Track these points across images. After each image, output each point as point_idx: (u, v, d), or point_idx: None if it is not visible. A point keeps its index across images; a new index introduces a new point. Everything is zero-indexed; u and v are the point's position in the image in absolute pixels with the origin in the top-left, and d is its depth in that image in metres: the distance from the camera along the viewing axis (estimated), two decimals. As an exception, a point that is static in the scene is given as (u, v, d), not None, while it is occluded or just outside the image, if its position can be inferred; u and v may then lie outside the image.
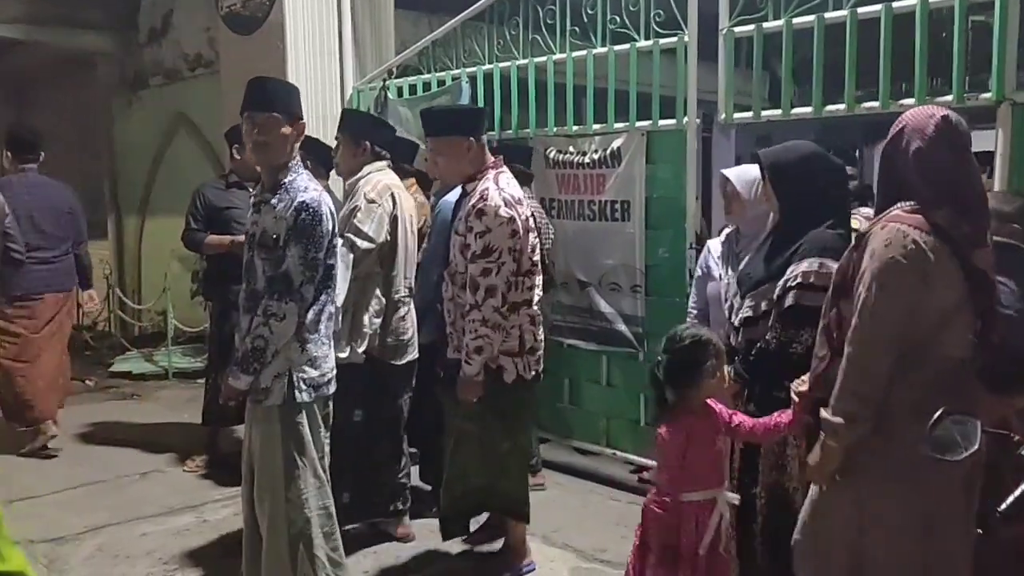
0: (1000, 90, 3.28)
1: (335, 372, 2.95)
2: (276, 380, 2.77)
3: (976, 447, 1.69)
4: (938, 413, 1.72)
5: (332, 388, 2.94)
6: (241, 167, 4.68)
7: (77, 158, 8.76)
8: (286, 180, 2.81)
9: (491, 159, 3.36)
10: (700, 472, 2.46)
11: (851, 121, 3.70)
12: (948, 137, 2.05)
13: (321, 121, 5.91)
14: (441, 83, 5.36)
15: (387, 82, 5.73)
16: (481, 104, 5.11)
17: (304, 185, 2.79)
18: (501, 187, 3.22)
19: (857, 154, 11.65)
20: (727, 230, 3.48)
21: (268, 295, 2.74)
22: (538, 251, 3.33)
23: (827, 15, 3.71)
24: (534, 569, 3.50)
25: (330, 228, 2.81)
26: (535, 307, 3.28)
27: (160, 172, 8.57)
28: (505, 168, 3.38)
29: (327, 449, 2.96)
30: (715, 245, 3.56)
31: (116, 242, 9.18)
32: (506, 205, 3.16)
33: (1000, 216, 2.51)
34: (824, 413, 2.11)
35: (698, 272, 3.71)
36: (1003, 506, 1.63)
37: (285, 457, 2.81)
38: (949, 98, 3.43)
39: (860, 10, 3.61)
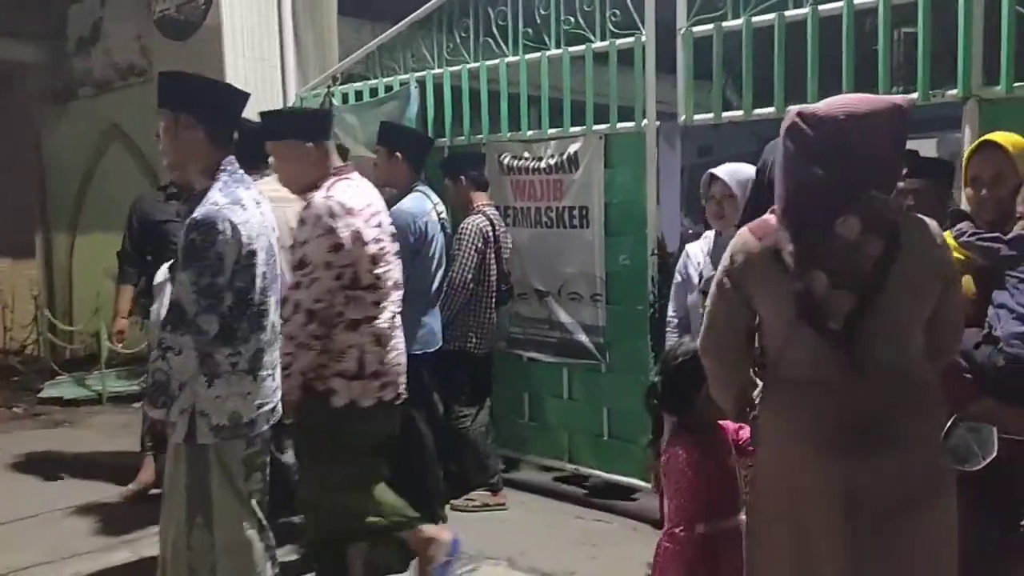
0: (966, 86, 3.22)
1: (264, 410, 2.61)
2: (181, 416, 2.48)
3: (994, 455, 1.56)
4: (951, 421, 1.59)
5: (258, 429, 2.59)
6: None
7: (3, 173, 8.31)
8: (206, 190, 2.50)
9: (336, 165, 3.08)
10: (713, 499, 2.25)
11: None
12: (788, 140, 1.79)
13: (263, 130, 5.67)
14: (388, 88, 5.16)
15: (331, 88, 5.51)
16: (431, 110, 4.95)
17: (211, 198, 2.45)
18: (331, 194, 2.90)
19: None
20: (709, 234, 3.34)
21: (162, 325, 2.45)
22: (385, 263, 3.01)
23: (788, 13, 3.63)
24: (456, 554, 3.16)
25: (238, 249, 2.44)
26: (382, 325, 2.98)
27: (91, 186, 8.17)
28: (351, 176, 3.07)
29: (250, 491, 2.62)
30: (694, 250, 3.42)
31: (45, 260, 8.72)
32: (330, 215, 2.85)
33: None
34: None
35: (677, 278, 3.54)
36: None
37: (188, 500, 2.51)
38: (915, 96, 3.38)
39: (821, 7, 3.53)
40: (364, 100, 5.31)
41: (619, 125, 4.19)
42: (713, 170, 3.19)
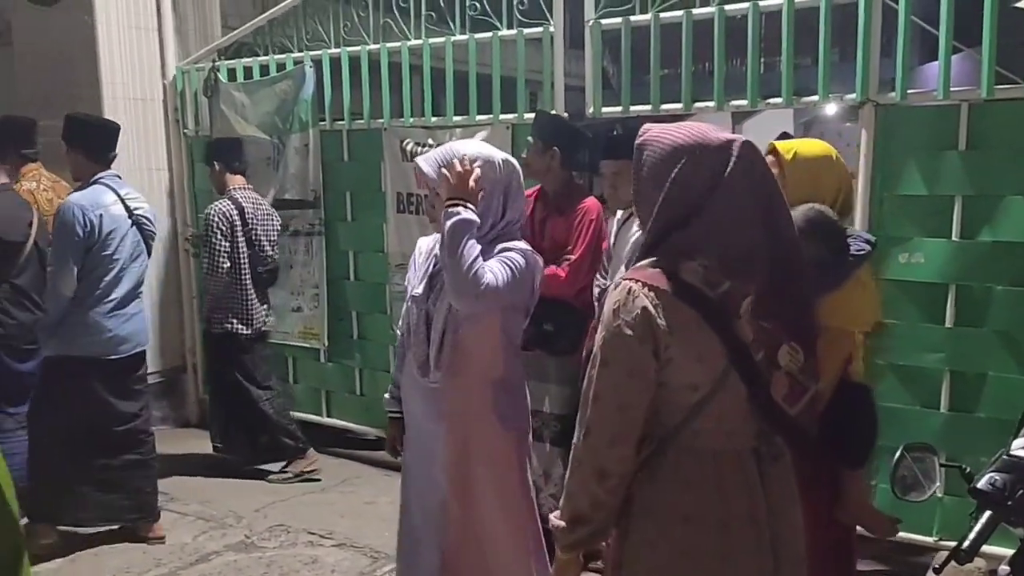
0: (864, 91, 3.37)
1: None
2: None
3: (938, 484, 1.66)
4: (899, 451, 1.67)
5: None
6: None
7: None
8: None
9: None
10: None
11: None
12: (699, 162, 1.59)
13: (140, 105, 5.32)
14: (281, 66, 4.93)
15: (216, 63, 5.22)
16: (328, 91, 4.77)
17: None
18: None
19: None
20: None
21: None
22: None
23: (695, 11, 3.69)
24: None
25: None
26: None
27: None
28: None
29: None
30: (427, 244, 2.75)
31: None
32: None
33: None
34: (552, 516, 1.73)
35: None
36: (964, 544, 1.61)
37: None
38: (815, 98, 3.51)
39: (727, 7, 3.60)
40: (254, 77, 5.06)
41: (527, 115, 4.16)
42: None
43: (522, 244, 2.40)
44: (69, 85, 5.23)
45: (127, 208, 3.68)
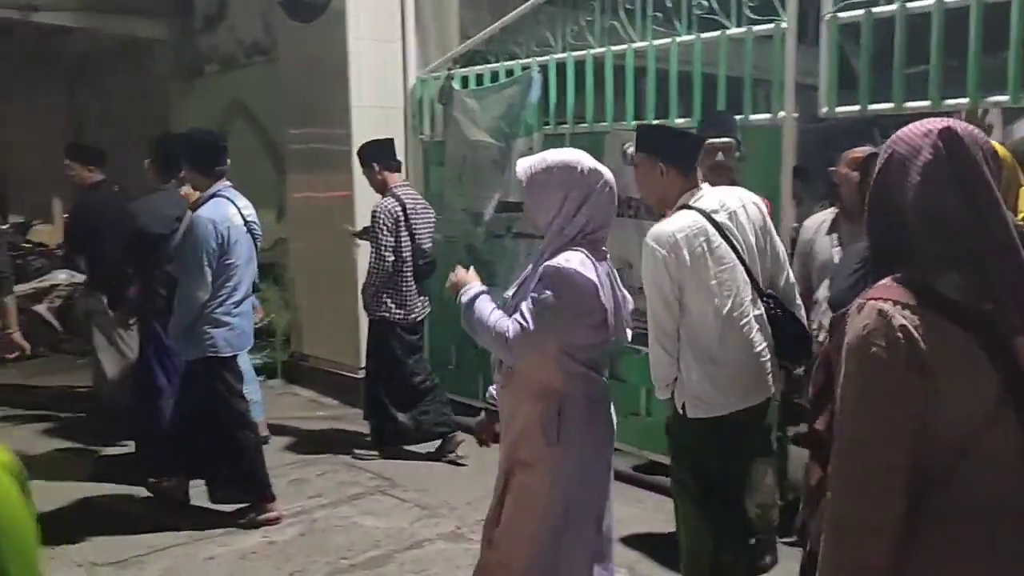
0: None
1: None
2: None
3: None
4: None
5: None
6: None
7: (133, 150, 8.65)
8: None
9: None
10: None
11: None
12: (958, 163, 1.37)
13: (382, 113, 5.69)
14: (510, 73, 5.08)
15: (451, 71, 5.46)
16: (554, 95, 4.83)
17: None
18: None
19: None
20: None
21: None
22: None
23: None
24: None
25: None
26: None
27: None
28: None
29: None
30: None
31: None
32: None
33: None
34: None
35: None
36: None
37: None
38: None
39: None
40: (484, 84, 5.25)
41: (753, 117, 3.99)
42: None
43: (566, 262, 2.38)
44: (323, 95, 5.71)
45: (243, 217, 3.99)
